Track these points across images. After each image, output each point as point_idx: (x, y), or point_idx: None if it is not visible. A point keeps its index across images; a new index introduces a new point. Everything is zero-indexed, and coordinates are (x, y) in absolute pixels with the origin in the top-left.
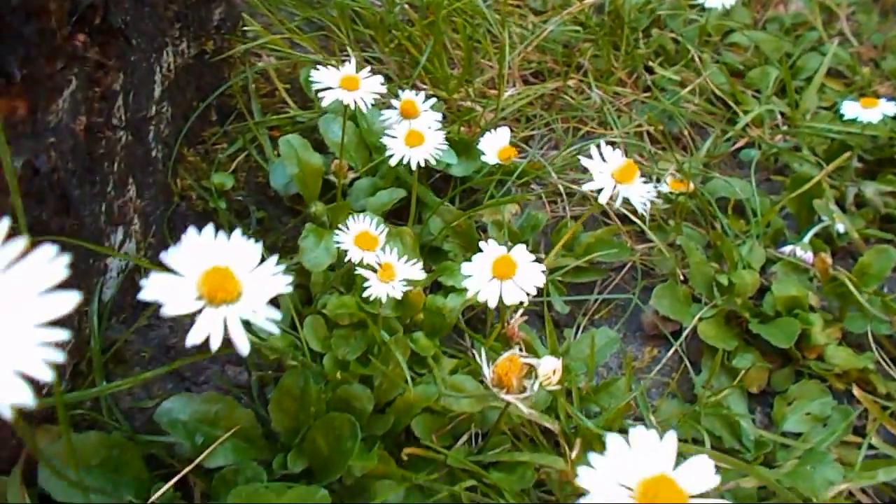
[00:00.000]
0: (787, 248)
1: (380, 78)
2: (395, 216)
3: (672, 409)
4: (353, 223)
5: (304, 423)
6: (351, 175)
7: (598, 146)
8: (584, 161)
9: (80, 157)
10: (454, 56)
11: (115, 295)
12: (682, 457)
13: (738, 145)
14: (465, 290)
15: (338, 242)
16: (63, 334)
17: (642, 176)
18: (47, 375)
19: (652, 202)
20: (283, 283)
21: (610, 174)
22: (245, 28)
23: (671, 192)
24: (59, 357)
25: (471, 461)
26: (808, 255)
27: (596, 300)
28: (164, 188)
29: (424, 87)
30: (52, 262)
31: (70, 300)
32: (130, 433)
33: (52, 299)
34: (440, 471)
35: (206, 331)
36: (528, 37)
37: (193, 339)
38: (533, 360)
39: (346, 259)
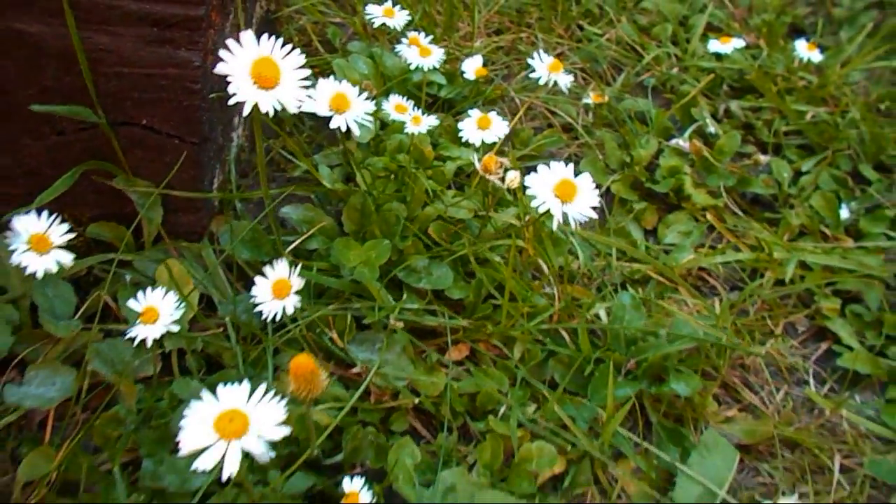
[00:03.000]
0: (673, 140)
1: (406, 12)
2: None
3: (590, 235)
4: (392, 98)
5: (365, 225)
6: (374, 92)
7: (538, 53)
8: (529, 61)
9: None
10: (437, 20)
11: (235, 156)
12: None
13: (643, 77)
14: (457, 158)
15: (384, 109)
16: (307, 72)
17: (574, 97)
18: (305, 98)
19: (580, 115)
20: (371, 105)
21: (546, 67)
22: None
23: (593, 104)
24: (303, 94)
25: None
26: (687, 145)
27: None
28: None
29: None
30: (299, 55)
31: (304, 72)
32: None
33: (302, 71)
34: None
35: (338, 123)
36: (491, 4)
37: (334, 125)
38: (504, 161)
39: (382, 130)
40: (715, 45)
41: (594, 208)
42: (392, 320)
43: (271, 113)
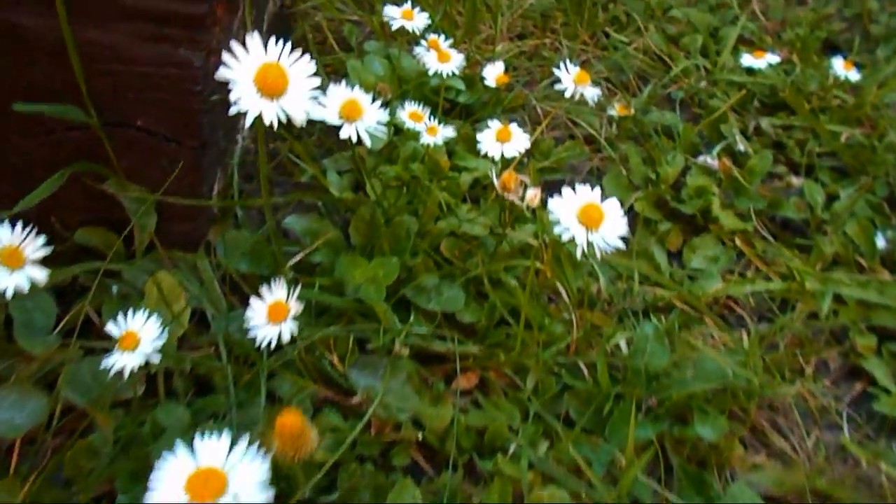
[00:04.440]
0: (701, 157)
1: (426, 14)
2: None
3: (611, 257)
4: (407, 105)
5: (373, 239)
6: (389, 95)
7: (564, 63)
8: (555, 71)
9: None
10: (458, 21)
11: (239, 159)
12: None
13: (670, 89)
14: (474, 169)
15: (399, 117)
16: (317, 81)
17: (598, 106)
18: (312, 109)
19: (604, 126)
20: (384, 114)
21: (572, 78)
22: None
23: (618, 116)
24: (311, 104)
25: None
26: (715, 162)
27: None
28: None
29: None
30: (309, 61)
31: (314, 80)
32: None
33: (312, 79)
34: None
35: (349, 133)
36: (514, 7)
37: (344, 135)
38: (524, 178)
39: (396, 137)
40: (748, 60)
41: (622, 237)
42: (397, 346)
43: (275, 125)
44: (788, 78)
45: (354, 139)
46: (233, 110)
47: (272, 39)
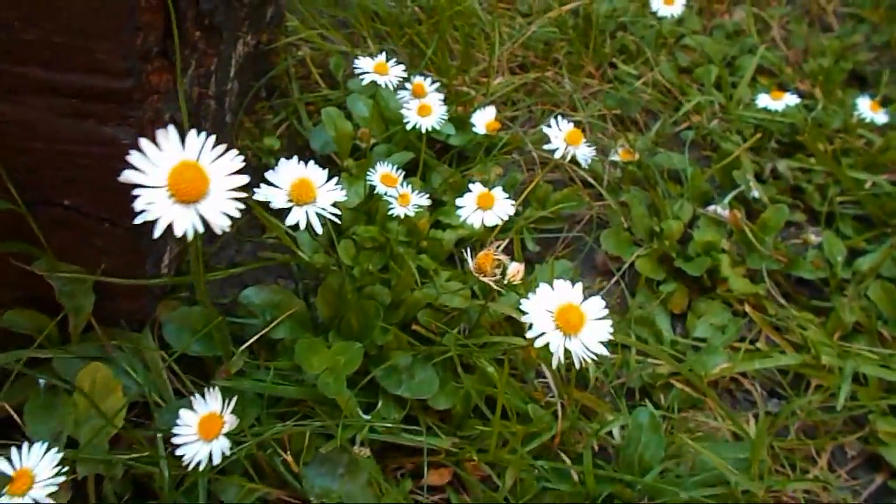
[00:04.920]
0: (710, 207)
1: (402, 66)
2: (405, 175)
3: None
4: (380, 167)
5: (341, 311)
6: (372, 141)
7: (556, 118)
8: (545, 129)
9: (192, 116)
10: (454, 49)
11: None
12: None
13: (681, 127)
14: (459, 226)
15: (369, 179)
16: (243, 179)
17: (601, 148)
18: (236, 213)
19: (607, 170)
20: (341, 194)
21: (562, 138)
22: (287, 24)
23: (621, 162)
24: (240, 207)
25: (458, 344)
26: (726, 213)
27: (561, 241)
28: (230, 146)
29: (429, 74)
30: (235, 157)
31: (239, 179)
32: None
33: (236, 178)
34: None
35: (297, 218)
36: (515, 35)
37: (291, 221)
38: (503, 257)
39: (374, 193)
40: (765, 101)
41: (604, 343)
42: (357, 447)
43: (189, 235)
44: (810, 114)
45: (303, 226)
46: (139, 219)
47: (192, 132)
